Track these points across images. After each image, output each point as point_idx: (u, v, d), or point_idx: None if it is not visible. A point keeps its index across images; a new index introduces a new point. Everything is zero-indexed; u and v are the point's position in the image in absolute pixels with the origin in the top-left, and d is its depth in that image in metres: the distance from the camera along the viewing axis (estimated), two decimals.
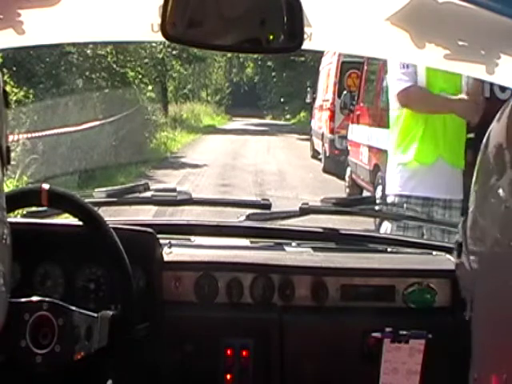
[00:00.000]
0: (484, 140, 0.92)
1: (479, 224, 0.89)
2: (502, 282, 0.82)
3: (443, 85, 3.40)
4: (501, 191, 0.83)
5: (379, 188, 7.31)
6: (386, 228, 3.31)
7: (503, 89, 3.00)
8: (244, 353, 1.79)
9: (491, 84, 3.29)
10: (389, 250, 2.06)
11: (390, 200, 3.51)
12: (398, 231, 3.20)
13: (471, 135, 3.57)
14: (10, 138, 7.98)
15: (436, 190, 3.40)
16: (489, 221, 0.86)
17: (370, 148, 7.86)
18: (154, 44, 17.51)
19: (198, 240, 1.99)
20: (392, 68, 3.56)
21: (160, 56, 20.19)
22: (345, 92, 9.92)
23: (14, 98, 9.56)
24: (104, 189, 2.12)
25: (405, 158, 3.48)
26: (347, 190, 9.46)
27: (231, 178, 11.44)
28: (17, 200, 1.54)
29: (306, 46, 1.30)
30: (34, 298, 1.51)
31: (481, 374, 0.91)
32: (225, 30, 1.23)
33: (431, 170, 3.43)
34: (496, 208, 0.84)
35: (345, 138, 10.01)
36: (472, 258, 0.91)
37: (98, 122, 11.96)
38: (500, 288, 0.82)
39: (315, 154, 14.55)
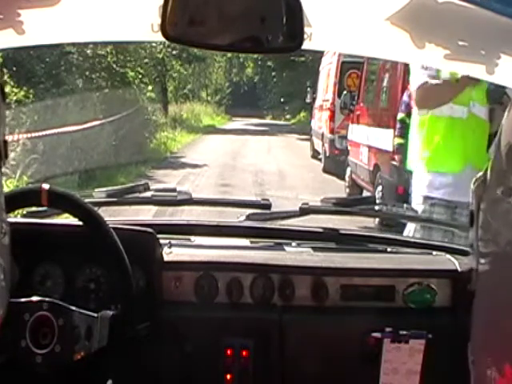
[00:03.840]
0: (496, 139, 0.92)
1: (492, 226, 0.89)
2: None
3: (472, 95, 3.27)
4: None
5: (379, 188, 7.32)
6: (410, 230, 3.27)
7: None
8: (244, 353, 1.79)
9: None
10: (389, 250, 2.05)
11: (415, 201, 3.48)
12: (422, 231, 3.16)
13: None
14: (10, 138, 7.98)
15: (465, 196, 3.36)
16: (501, 222, 0.86)
17: (370, 148, 7.87)
18: (154, 44, 17.52)
19: (198, 240, 1.99)
20: (414, 72, 3.54)
21: (160, 56, 20.21)
22: (345, 92, 9.94)
23: (14, 98, 9.56)
24: (104, 189, 2.12)
25: (431, 164, 3.45)
26: (347, 190, 9.47)
27: (231, 178, 11.44)
28: (17, 200, 1.54)
29: (306, 46, 1.30)
30: (34, 298, 1.51)
31: (478, 358, 0.91)
32: (225, 30, 1.23)
33: (459, 177, 3.38)
34: (508, 210, 0.84)
35: (345, 138, 10.02)
36: (482, 260, 0.91)
37: (97, 122, 11.96)
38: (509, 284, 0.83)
39: (315, 154, 14.55)
